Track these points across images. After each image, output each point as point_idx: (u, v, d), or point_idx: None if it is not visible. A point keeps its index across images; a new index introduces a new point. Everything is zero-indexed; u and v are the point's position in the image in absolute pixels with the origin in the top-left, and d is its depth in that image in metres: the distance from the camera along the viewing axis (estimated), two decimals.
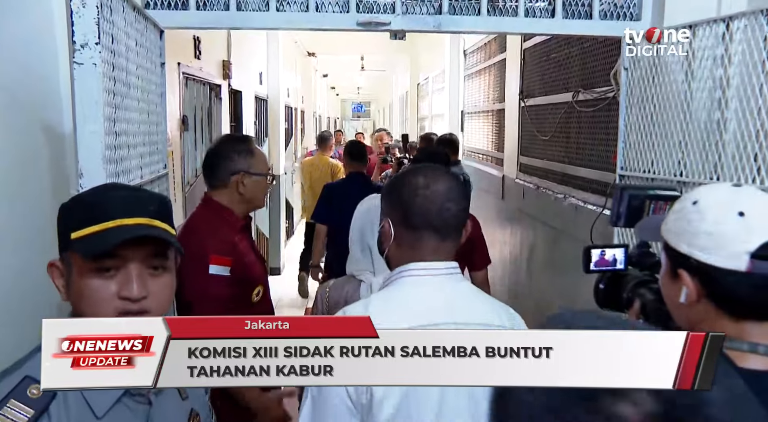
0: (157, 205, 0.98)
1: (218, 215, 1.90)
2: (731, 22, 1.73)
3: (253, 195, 1.94)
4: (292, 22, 2.19)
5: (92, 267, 0.93)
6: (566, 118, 3.74)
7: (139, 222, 0.94)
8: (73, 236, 0.94)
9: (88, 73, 1.34)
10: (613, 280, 1.49)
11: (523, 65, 4.57)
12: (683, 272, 1.01)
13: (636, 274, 1.49)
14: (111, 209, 0.94)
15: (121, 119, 1.56)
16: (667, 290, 1.09)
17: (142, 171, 1.77)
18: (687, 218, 1.01)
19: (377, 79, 16.18)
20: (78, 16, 1.33)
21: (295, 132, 9.38)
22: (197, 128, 4.22)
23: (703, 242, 0.98)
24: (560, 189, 3.80)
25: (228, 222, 1.90)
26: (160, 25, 2.00)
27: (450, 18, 2.19)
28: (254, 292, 1.93)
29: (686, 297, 1.01)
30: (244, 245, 1.93)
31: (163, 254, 0.97)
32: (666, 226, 1.07)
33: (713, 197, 1.02)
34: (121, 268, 0.94)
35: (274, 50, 7.02)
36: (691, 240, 0.99)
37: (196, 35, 4.08)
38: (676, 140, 1.97)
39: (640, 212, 1.63)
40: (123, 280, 0.93)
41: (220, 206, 1.91)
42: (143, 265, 0.95)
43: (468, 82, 6.79)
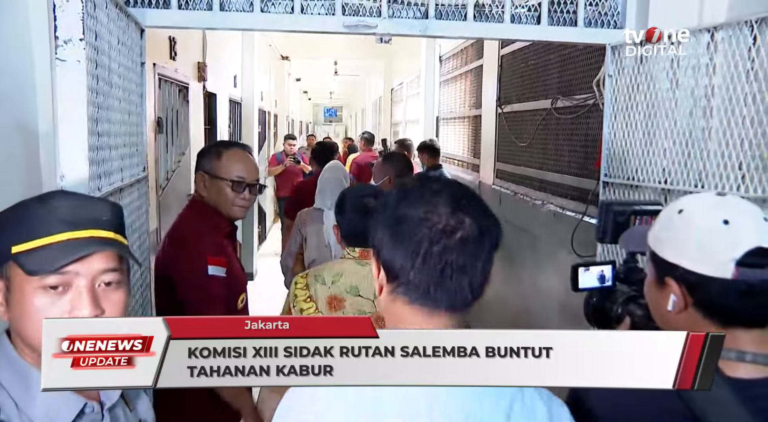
0: (109, 214, 0.92)
1: (205, 217, 1.85)
2: (716, 31, 1.76)
3: (216, 200, 1.83)
4: (277, 24, 2.15)
5: (38, 284, 0.85)
6: (544, 125, 3.77)
7: (91, 235, 0.87)
8: (14, 250, 0.85)
9: (71, 71, 1.29)
10: (603, 296, 1.50)
11: (501, 72, 4.60)
12: (670, 281, 1.01)
13: (624, 290, 1.49)
14: (58, 221, 0.86)
15: (103, 119, 1.50)
16: (653, 298, 1.09)
17: (122, 173, 1.71)
18: (673, 227, 1.02)
19: (350, 84, 16.17)
20: (61, 11, 1.27)
21: (268, 136, 9.29)
22: (169, 130, 4.13)
23: (690, 250, 0.99)
24: (538, 195, 3.82)
25: (215, 225, 1.85)
26: (141, 23, 1.94)
27: (436, 23, 2.17)
28: (239, 299, 1.90)
29: (674, 305, 1.01)
30: (229, 251, 1.89)
31: (116, 268, 0.91)
32: (652, 235, 1.08)
33: (698, 205, 1.03)
34: (70, 285, 0.86)
35: (249, 53, 6.95)
36: (677, 249, 1.00)
37: (172, 36, 4.00)
38: (661, 147, 1.99)
39: (626, 227, 1.65)
40: (74, 298, 0.86)
41: (208, 207, 1.85)
42: (95, 280, 0.88)
43: (443, 88, 6.82)
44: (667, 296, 1.02)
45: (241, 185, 1.83)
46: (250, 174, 1.86)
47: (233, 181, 1.82)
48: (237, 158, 1.86)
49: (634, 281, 1.49)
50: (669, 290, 1.02)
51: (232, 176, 1.82)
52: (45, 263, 0.83)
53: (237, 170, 1.83)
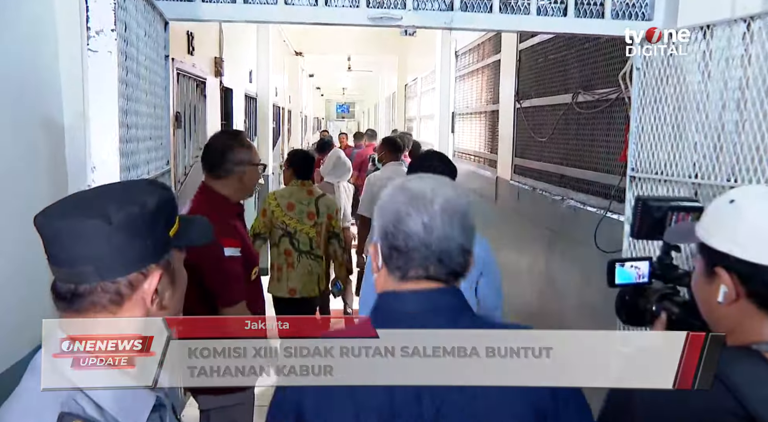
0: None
1: (217, 202, 2.03)
2: (752, 21, 1.72)
3: (252, 184, 2.14)
4: (300, 16, 2.14)
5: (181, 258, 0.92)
6: (565, 119, 3.73)
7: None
8: (171, 233, 0.89)
9: (102, 61, 1.28)
10: (637, 292, 1.47)
11: (519, 66, 4.56)
12: (721, 271, 1.01)
13: (658, 287, 1.47)
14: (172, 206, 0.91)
15: (132, 110, 1.49)
16: (702, 291, 1.07)
17: (148, 166, 1.70)
18: (725, 217, 1.02)
19: (363, 80, 16.15)
20: (94, 2, 1.26)
21: (282, 131, 9.29)
22: (187, 125, 4.14)
23: (743, 239, 0.98)
24: (557, 191, 3.78)
25: (226, 208, 2.05)
26: (165, 16, 1.93)
27: (461, 15, 2.15)
28: (253, 271, 2.12)
29: (724, 297, 1.00)
30: (241, 230, 2.09)
31: None
32: (702, 226, 1.07)
33: (750, 195, 1.04)
34: None
35: (264, 48, 6.95)
36: (730, 238, 1.00)
37: (190, 31, 4.00)
38: (691, 141, 1.96)
39: (663, 223, 1.61)
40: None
41: (217, 194, 2.04)
42: None
43: (459, 83, 6.78)
44: (716, 288, 1.01)
45: (263, 166, 2.20)
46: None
47: (263, 164, 2.18)
48: (251, 145, 2.19)
49: (670, 278, 1.46)
50: (719, 281, 1.00)
51: (257, 160, 2.15)
52: (199, 234, 0.90)
53: (256, 154, 2.17)
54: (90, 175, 1.31)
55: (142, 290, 0.84)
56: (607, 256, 2.44)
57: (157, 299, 0.85)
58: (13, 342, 1.55)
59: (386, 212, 0.96)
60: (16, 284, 1.57)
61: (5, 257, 1.53)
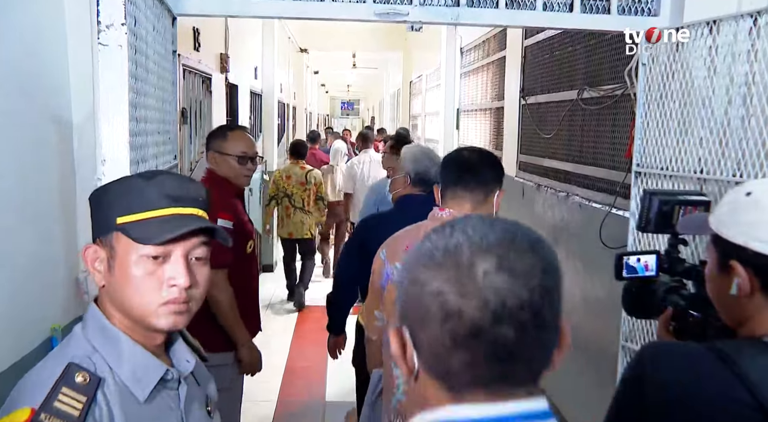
0: (204, 195, 0.99)
1: (217, 181, 2.27)
2: (759, 16, 1.72)
3: (227, 173, 2.30)
4: (307, 12, 2.14)
5: (141, 253, 0.91)
6: (570, 116, 3.73)
7: (192, 212, 0.95)
8: (120, 221, 0.91)
9: (113, 55, 1.29)
10: (643, 286, 1.48)
11: (525, 63, 4.56)
12: (736, 264, 0.99)
13: (665, 280, 1.47)
14: (164, 196, 0.92)
15: (141, 105, 1.50)
16: (715, 284, 1.07)
17: (157, 160, 1.71)
18: (740, 209, 1.01)
19: (368, 77, 16.14)
20: None
21: (287, 128, 9.30)
22: (192, 121, 4.15)
23: (759, 232, 0.97)
24: (562, 187, 3.79)
25: (226, 187, 2.28)
26: (173, 10, 1.94)
27: (468, 10, 2.15)
28: (248, 244, 2.34)
29: (738, 289, 0.99)
30: (239, 208, 2.34)
31: (207, 244, 0.98)
32: (716, 218, 1.06)
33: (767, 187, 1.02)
34: (169, 256, 0.93)
35: (270, 45, 6.95)
36: (747, 230, 0.98)
37: (196, 27, 4.01)
38: (697, 136, 1.96)
39: (670, 217, 1.61)
40: (172, 268, 0.92)
41: (218, 175, 2.31)
42: (189, 254, 0.95)
43: (464, 79, 6.77)
44: (730, 281, 1.00)
45: (245, 158, 2.31)
46: (250, 149, 2.36)
47: (238, 156, 2.30)
48: (239, 137, 2.35)
49: (677, 272, 1.47)
50: (733, 273, 0.99)
51: (237, 152, 2.30)
52: (153, 234, 0.90)
53: (241, 147, 2.32)
54: (100, 167, 1.33)
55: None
56: (612, 252, 2.44)
57: (93, 271, 0.94)
58: (22, 334, 1.57)
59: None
60: (25, 277, 1.59)
61: (14, 250, 1.54)
